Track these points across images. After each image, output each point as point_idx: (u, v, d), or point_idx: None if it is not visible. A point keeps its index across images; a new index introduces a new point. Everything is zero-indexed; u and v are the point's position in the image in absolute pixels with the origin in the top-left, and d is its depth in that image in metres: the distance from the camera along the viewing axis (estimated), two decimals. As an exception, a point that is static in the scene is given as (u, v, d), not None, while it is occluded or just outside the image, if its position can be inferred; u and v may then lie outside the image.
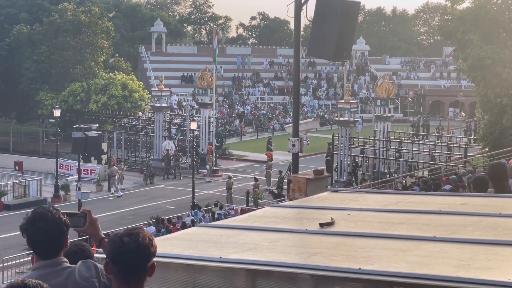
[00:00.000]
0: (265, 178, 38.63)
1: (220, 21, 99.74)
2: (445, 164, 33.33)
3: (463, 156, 34.68)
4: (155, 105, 45.34)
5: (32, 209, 3.99)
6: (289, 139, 18.19)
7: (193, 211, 28.75)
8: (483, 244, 4.79)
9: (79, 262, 3.90)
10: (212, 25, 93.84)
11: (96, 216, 4.26)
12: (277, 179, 35.54)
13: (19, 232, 3.95)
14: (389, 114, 38.58)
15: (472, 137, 46.15)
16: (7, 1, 59.51)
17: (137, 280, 3.46)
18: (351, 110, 38.62)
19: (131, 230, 3.50)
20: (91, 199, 32.57)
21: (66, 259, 3.90)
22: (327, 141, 42.50)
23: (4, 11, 57.14)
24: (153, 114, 46.51)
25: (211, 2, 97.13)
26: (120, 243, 3.42)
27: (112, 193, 37.19)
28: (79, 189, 30.31)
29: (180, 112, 53.93)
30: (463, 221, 5.68)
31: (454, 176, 21.83)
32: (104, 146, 42.83)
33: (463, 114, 62.25)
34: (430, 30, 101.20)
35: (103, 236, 4.21)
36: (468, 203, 6.57)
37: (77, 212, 4.18)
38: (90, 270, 3.85)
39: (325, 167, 31.03)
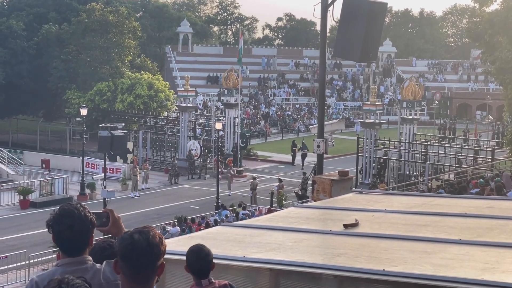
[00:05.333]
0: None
1: (247, 22, 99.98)
2: (472, 167, 32.98)
3: (490, 160, 34.29)
4: (181, 105, 45.51)
5: (59, 206, 4.00)
6: (314, 140, 18.17)
7: (217, 211, 28.78)
8: (509, 247, 4.74)
9: (104, 263, 3.87)
10: (238, 25, 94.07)
11: (120, 215, 4.25)
12: (301, 180, 35.52)
13: (45, 229, 3.96)
14: (415, 117, 38.31)
15: (499, 140, 45.56)
16: (36, 1, 60.15)
17: (146, 278, 3.46)
18: (377, 112, 38.43)
19: (141, 227, 3.50)
20: (116, 198, 32.81)
21: (90, 258, 3.89)
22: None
23: (33, 11, 57.76)
24: (178, 114, 46.69)
25: (237, 3, 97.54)
26: (130, 240, 3.42)
27: (137, 194, 36.75)
28: (105, 187, 30.52)
29: (205, 112, 54.07)
30: (489, 224, 5.62)
31: (481, 180, 21.59)
32: (130, 145, 43.10)
33: (490, 117, 61.51)
34: (458, 32, 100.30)
35: None
36: (495, 206, 6.51)
37: (99, 211, 4.14)
38: (113, 271, 3.86)
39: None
